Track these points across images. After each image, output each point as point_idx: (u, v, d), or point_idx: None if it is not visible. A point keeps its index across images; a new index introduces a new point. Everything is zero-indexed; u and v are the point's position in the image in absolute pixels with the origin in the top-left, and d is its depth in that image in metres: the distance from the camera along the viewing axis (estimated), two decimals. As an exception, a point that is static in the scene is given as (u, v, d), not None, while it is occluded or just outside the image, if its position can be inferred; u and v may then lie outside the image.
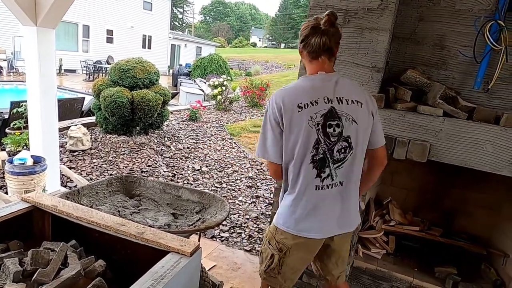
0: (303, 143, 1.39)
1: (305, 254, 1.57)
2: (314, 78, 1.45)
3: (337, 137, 1.40)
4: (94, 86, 5.58)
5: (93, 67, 16.44)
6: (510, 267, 2.18)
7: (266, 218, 3.70)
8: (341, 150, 1.41)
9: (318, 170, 1.41)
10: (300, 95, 1.41)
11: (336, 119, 1.40)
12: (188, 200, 2.29)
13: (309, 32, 1.42)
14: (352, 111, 1.42)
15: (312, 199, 1.45)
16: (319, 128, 1.39)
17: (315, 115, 1.38)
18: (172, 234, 1.44)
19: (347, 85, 1.46)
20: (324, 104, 1.40)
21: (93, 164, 4.62)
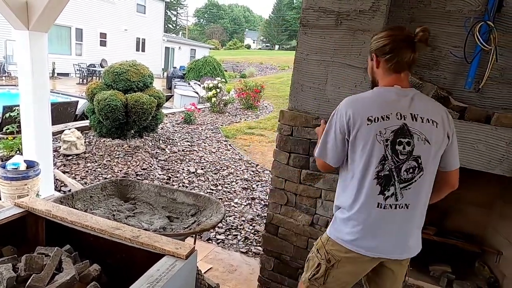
0: (368, 157, 1.34)
1: (354, 270, 1.50)
2: (389, 91, 1.38)
3: (406, 156, 1.33)
4: (88, 89, 5.55)
5: (86, 71, 16.34)
6: (503, 265, 2.20)
7: (262, 220, 3.70)
8: (409, 170, 1.34)
9: (382, 187, 1.35)
10: (371, 107, 1.36)
11: (407, 137, 1.33)
12: (183, 203, 2.29)
13: (398, 44, 1.35)
14: (426, 130, 1.34)
15: (372, 216, 1.38)
16: (387, 144, 1.33)
17: (385, 130, 1.32)
18: (167, 237, 1.43)
19: (424, 102, 1.39)
20: (396, 120, 1.33)
21: (88, 168, 4.59)
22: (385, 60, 1.38)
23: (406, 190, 1.35)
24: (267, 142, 7.05)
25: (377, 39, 1.41)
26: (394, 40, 1.36)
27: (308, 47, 1.97)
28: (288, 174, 2.13)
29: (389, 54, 1.36)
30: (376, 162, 1.34)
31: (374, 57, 1.42)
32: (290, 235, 2.19)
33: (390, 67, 1.38)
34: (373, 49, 1.42)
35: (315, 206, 2.10)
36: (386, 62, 1.38)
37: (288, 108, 2.10)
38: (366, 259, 1.44)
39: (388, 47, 1.36)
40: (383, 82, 1.42)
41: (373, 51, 1.42)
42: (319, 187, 2.06)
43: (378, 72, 1.43)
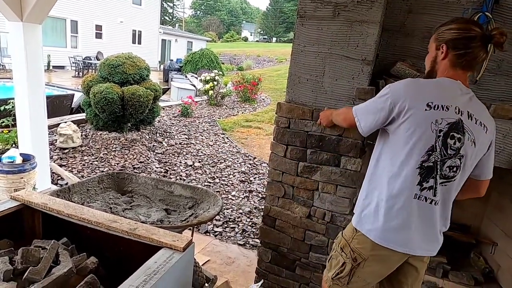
0: (415, 143, 1.29)
1: (380, 269, 1.46)
2: (454, 83, 1.34)
3: (455, 152, 1.29)
4: (84, 82, 5.50)
5: (82, 63, 16.20)
6: (498, 256, 2.23)
7: (259, 212, 3.71)
8: (453, 168, 1.31)
9: (422, 178, 1.31)
10: (433, 94, 1.31)
11: (460, 133, 1.29)
12: (180, 195, 2.28)
13: (474, 43, 1.29)
14: (477, 132, 1.31)
15: (407, 207, 1.33)
16: (440, 135, 1.28)
17: (441, 120, 1.28)
18: (164, 230, 1.43)
19: (479, 106, 1.36)
20: (454, 114, 1.29)
21: (84, 162, 4.57)
22: (456, 54, 1.33)
23: (443, 187, 1.33)
24: (265, 135, 7.05)
25: (452, 30, 1.33)
26: (470, 37, 1.30)
27: (305, 38, 1.96)
28: (285, 166, 2.13)
29: (463, 50, 1.31)
30: (423, 151, 1.29)
31: (444, 48, 1.35)
32: (288, 227, 2.20)
33: (460, 63, 1.33)
34: (444, 40, 1.35)
35: (312, 198, 2.10)
36: (456, 57, 1.33)
37: (285, 101, 2.09)
38: (395, 257, 1.40)
39: (463, 43, 1.31)
40: (447, 75, 1.36)
41: (444, 41, 1.34)
42: (316, 179, 2.06)
43: (442, 63, 1.37)
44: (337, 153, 1.98)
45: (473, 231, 2.45)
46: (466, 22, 1.36)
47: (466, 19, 1.45)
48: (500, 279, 2.17)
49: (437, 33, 1.39)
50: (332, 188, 2.04)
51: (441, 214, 1.38)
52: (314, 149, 2.03)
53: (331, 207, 2.06)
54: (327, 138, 1.99)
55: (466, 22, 1.36)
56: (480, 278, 2.15)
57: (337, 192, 2.03)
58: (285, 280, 2.29)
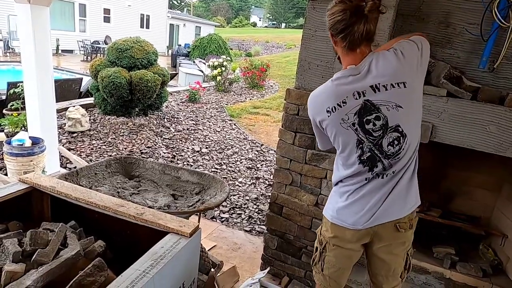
0: (344, 146, 1.33)
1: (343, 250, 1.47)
2: (344, 74, 1.31)
3: (382, 130, 1.27)
4: (92, 66, 5.50)
5: (90, 48, 16.19)
6: (508, 247, 2.20)
7: (266, 199, 3.72)
8: (393, 142, 1.28)
9: (370, 167, 1.33)
10: (327, 99, 1.32)
11: (373, 112, 1.26)
12: (187, 181, 2.28)
13: (349, 21, 1.22)
14: (394, 95, 1.24)
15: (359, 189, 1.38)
16: (356, 128, 1.28)
17: (347, 116, 1.28)
18: (171, 215, 1.43)
19: (381, 67, 1.25)
20: (355, 101, 1.26)
21: (93, 146, 4.60)
22: (340, 39, 1.26)
23: (395, 161, 1.31)
24: (272, 122, 7.00)
25: (331, 15, 1.26)
26: (340, 14, 1.23)
27: (316, 23, 1.90)
28: (294, 154, 2.10)
29: (343, 33, 1.24)
30: (354, 147, 1.31)
31: (331, 37, 1.31)
32: (294, 214, 2.19)
33: (344, 47, 1.28)
34: (330, 27, 1.29)
35: (320, 186, 2.09)
36: (341, 41, 1.27)
37: (295, 87, 2.05)
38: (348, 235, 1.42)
39: (342, 24, 1.23)
40: (343, 62, 1.34)
41: (330, 28, 1.29)
42: (324, 167, 2.04)
43: (339, 50, 1.34)
44: (346, 141, 1.95)
45: (483, 222, 2.42)
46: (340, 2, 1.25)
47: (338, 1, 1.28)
48: (509, 271, 2.15)
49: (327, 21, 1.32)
50: (341, 177, 2.01)
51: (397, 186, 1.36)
52: (323, 137, 2.00)
53: (339, 195, 2.04)
54: (337, 126, 1.95)
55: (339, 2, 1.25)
56: (488, 269, 2.12)
57: (346, 180, 2.00)
58: (290, 267, 2.30)
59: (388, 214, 1.38)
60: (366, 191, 1.37)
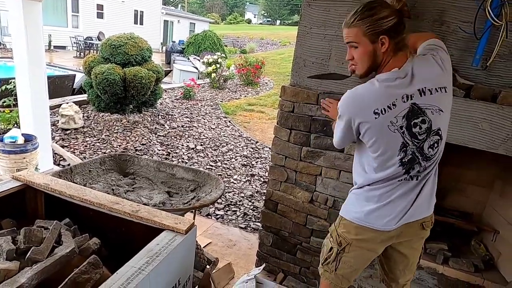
0: (386, 149, 1.31)
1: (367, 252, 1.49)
2: (389, 77, 1.29)
3: (426, 134, 1.30)
4: (85, 63, 5.44)
5: (83, 44, 16.01)
6: (500, 243, 2.23)
7: (261, 196, 3.72)
8: (433, 145, 1.32)
9: (406, 170, 1.33)
10: (375, 101, 1.27)
11: (420, 115, 1.27)
12: (182, 178, 2.28)
13: (401, 22, 1.25)
14: (438, 99, 1.29)
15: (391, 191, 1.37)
16: (403, 131, 1.28)
17: (396, 119, 1.26)
18: (166, 212, 1.43)
19: (426, 71, 1.29)
20: (403, 104, 1.26)
21: (86, 143, 4.57)
22: (393, 41, 1.26)
23: (429, 163, 1.34)
24: (267, 119, 7.01)
25: (384, 19, 1.25)
26: (399, 19, 1.25)
27: (311, 20, 1.90)
28: (289, 151, 2.11)
29: (398, 36, 1.26)
30: (396, 151, 1.30)
31: (386, 40, 1.26)
32: (289, 211, 2.20)
33: (392, 49, 1.28)
34: (382, 30, 1.25)
35: (315, 183, 2.10)
36: (395, 44, 1.27)
37: (290, 84, 2.06)
38: (377, 238, 1.42)
39: (398, 27, 1.25)
40: (388, 67, 1.31)
41: (384, 32, 1.25)
42: (319, 164, 2.04)
43: (384, 55, 1.30)
44: (341, 138, 1.96)
45: (475, 218, 2.45)
46: (385, 4, 1.27)
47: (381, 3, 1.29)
48: (500, 267, 2.19)
49: (367, 26, 1.26)
50: (335, 174, 2.03)
51: (425, 187, 1.39)
52: (318, 134, 2.01)
53: (333, 192, 2.05)
54: (332, 123, 1.96)
55: (387, 5, 1.27)
56: (480, 265, 2.16)
57: (340, 177, 2.02)
58: (285, 263, 2.31)
59: (417, 214, 1.42)
60: (398, 194, 1.37)
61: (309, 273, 2.26)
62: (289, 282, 2.29)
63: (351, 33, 1.32)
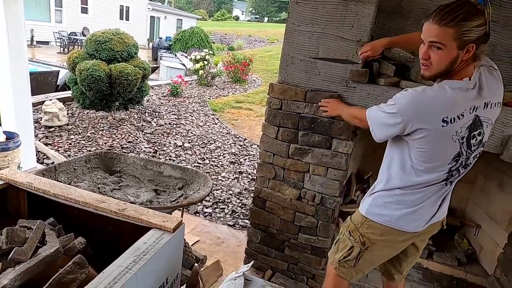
0: (441, 156, 1.29)
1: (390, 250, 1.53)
2: (461, 86, 1.23)
3: (477, 145, 1.31)
4: (69, 59, 5.32)
5: (67, 39, 15.66)
6: (481, 237, 2.29)
7: (249, 194, 3.72)
8: (476, 156, 1.34)
9: (448, 176, 1.34)
10: (445, 108, 1.22)
11: (478, 128, 1.27)
12: (170, 176, 2.26)
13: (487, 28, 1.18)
14: (493, 114, 1.30)
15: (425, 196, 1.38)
16: (463, 142, 1.26)
17: (461, 129, 1.24)
18: (154, 211, 1.42)
19: (491, 85, 1.27)
20: (469, 115, 1.24)
21: (71, 141, 4.48)
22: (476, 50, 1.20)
23: (463, 170, 1.35)
24: (255, 116, 7.00)
25: (480, 27, 1.17)
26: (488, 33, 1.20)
27: (299, 17, 1.91)
28: (277, 148, 2.11)
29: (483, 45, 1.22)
30: (450, 159, 1.29)
31: (473, 49, 1.19)
32: (278, 208, 2.21)
33: (474, 58, 1.24)
34: (473, 39, 1.17)
35: (302, 180, 2.11)
36: (472, 53, 1.21)
37: (278, 81, 2.06)
38: (403, 238, 1.43)
39: (488, 36, 1.20)
40: (459, 75, 1.26)
41: (473, 40, 1.18)
42: (307, 161, 2.06)
43: (462, 62, 1.23)
44: (329, 135, 1.97)
45: (458, 214, 2.51)
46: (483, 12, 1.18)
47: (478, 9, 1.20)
48: (482, 260, 2.25)
49: (462, 30, 1.16)
50: (323, 171, 2.04)
51: (451, 190, 1.44)
52: (306, 131, 2.02)
53: (321, 189, 2.07)
54: (319, 120, 1.97)
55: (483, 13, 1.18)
56: (463, 259, 2.22)
57: (328, 174, 2.04)
58: (274, 260, 2.32)
59: (441, 215, 1.47)
60: (432, 198, 1.39)
61: (297, 269, 2.27)
62: (277, 278, 2.30)
63: (440, 33, 1.19)
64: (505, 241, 1.97)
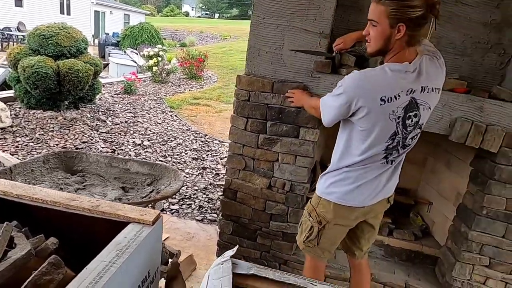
0: (379, 134, 1.38)
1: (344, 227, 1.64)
2: (400, 69, 1.33)
3: (413, 126, 1.40)
4: (10, 55, 4.90)
5: (1, 35, 14.31)
6: (433, 213, 2.52)
7: (214, 188, 3.73)
8: (414, 136, 1.44)
9: (387, 154, 1.45)
10: (384, 88, 1.32)
11: (414, 110, 1.37)
12: (137, 172, 2.20)
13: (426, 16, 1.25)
14: (431, 99, 1.40)
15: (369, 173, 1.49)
16: (399, 121, 1.36)
17: (397, 109, 1.34)
18: (130, 205, 1.39)
19: (431, 71, 1.37)
20: (405, 96, 1.33)
21: (17, 143, 4.14)
22: (412, 34, 1.28)
23: (403, 150, 1.46)
24: (214, 112, 6.96)
25: (412, 8, 1.23)
26: (424, 15, 1.24)
27: (264, 10, 1.95)
28: (246, 139, 2.15)
29: (417, 28, 1.27)
30: (387, 137, 1.39)
31: (403, 28, 1.26)
32: (249, 198, 2.25)
33: (410, 42, 1.31)
34: (403, 19, 1.25)
35: (272, 169, 2.17)
36: (411, 36, 1.29)
37: (245, 73, 2.09)
38: (353, 214, 1.56)
39: (422, 21, 1.26)
40: (398, 57, 1.35)
41: (404, 21, 1.25)
42: (276, 151, 2.12)
43: (397, 43, 1.31)
44: (296, 124, 2.05)
45: (412, 193, 2.74)
46: None
47: None
48: (434, 233, 2.48)
49: (392, 9, 1.25)
50: (292, 159, 2.11)
51: (396, 170, 1.56)
52: (274, 121, 2.07)
53: (290, 177, 2.14)
54: (287, 110, 2.04)
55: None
56: (419, 233, 2.42)
57: (296, 162, 2.11)
58: (246, 249, 2.36)
59: (387, 193, 1.57)
60: (375, 175, 1.49)
61: (270, 256, 2.34)
62: (251, 267, 2.35)
63: (376, 10, 1.31)
64: (453, 215, 2.19)
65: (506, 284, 2.03)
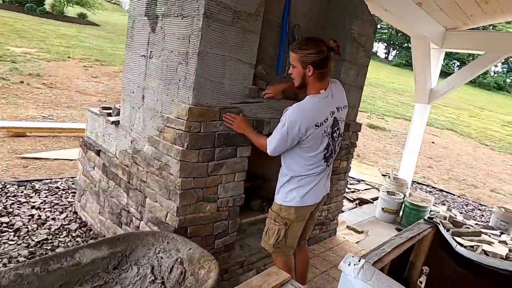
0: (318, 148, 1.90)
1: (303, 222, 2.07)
2: (320, 98, 1.85)
3: (338, 137, 1.99)
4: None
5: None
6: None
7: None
8: (339, 143, 2.02)
9: (325, 159, 1.97)
10: (315, 115, 1.82)
11: (336, 125, 1.95)
12: (93, 260, 1.53)
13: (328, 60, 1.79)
14: (342, 113, 2.00)
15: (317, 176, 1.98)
16: (329, 136, 1.92)
17: (327, 128, 1.88)
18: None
19: (337, 92, 1.93)
20: (330, 117, 1.88)
21: None
22: (320, 72, 1.80)
23: (335, 155, 2.07)
24: None
25: (312, 55, 1.75)
26: (326, 56, 1.77)
27: (211, 40, 1.91)
28: (198, 171, 2.05)
29: (324, 67, 1.79)
30: (323, 149, 1.91)
31: (311, 69, 1.77)
32: (199, 229, 2.18)
33: (320, 77, 1.82)
34: (308, 62, 1.77)
35: (217, 192, 2.22)
36: (320, 73, 1.80)
37: (192, 104, 1.96)
38: (308, 210, 2.04)
39: (324, 63, 1.77)
40: (314, 88, 1.84)
41: (309, 63, 1.77)
42: (222, 173, 2.19)
43: (311, 78, 1.82)
44: (235, 145, 2.22)
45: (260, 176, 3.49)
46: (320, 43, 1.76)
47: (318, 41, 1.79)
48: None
49: (301, 55, 1.78)
50: (232, 177, 2.28)
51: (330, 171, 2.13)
52: (221, 147, 2.14)
53: (232, 193, 2.31)
54: (231, 135, 2.17)
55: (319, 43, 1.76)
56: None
57: (236, 178, 2.31)
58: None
59: (326, 191, 2.11)
60: (321, 177, 2.00)
61: (216, 272, 2.41)
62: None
63: (292, 56, 1.85)
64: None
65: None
